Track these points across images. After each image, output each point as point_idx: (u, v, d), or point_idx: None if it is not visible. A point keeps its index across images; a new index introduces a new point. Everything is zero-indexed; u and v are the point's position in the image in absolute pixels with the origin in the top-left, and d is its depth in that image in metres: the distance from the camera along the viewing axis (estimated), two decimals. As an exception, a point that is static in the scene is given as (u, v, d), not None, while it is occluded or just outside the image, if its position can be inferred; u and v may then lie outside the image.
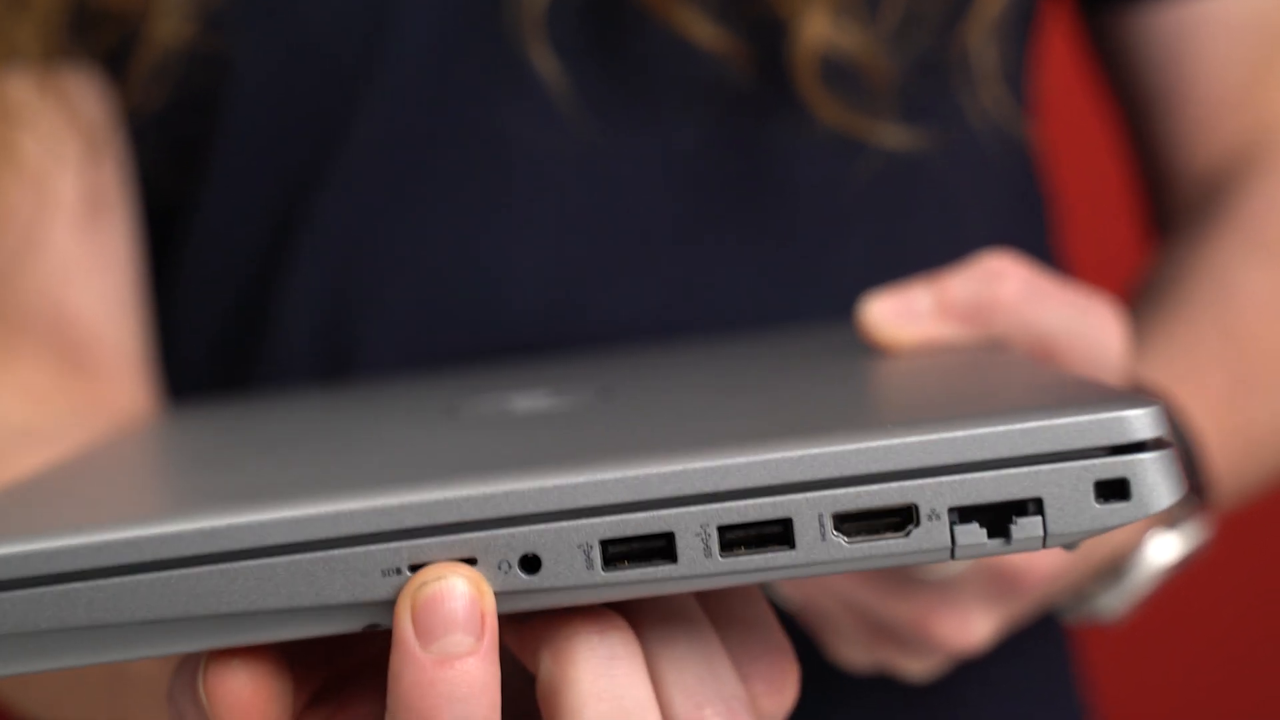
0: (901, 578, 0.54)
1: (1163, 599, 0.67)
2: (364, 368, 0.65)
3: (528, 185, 0.65)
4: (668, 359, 0.59)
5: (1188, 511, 0.63)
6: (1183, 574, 0.65)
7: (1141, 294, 0.73)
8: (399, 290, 0.65)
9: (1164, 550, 0.63)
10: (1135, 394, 0.38)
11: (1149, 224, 0.79)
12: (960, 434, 0.36)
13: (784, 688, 0.40)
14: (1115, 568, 0.62)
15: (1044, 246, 0.74)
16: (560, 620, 0.38)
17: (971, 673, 0.69)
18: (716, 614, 0.40)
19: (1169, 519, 0.63)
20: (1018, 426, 0.36)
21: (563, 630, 0.38)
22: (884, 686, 0.67)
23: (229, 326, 0.67)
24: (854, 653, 0.58)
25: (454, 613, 0.36)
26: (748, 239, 0.66)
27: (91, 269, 0.65)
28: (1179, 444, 0.62)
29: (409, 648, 0.36)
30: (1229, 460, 0.66)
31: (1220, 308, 0.70)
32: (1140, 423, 0.36)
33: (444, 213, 0.65)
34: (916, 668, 0.57)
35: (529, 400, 0.50)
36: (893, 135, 0.65)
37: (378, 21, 0.64)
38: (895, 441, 0.36)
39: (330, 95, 0.65)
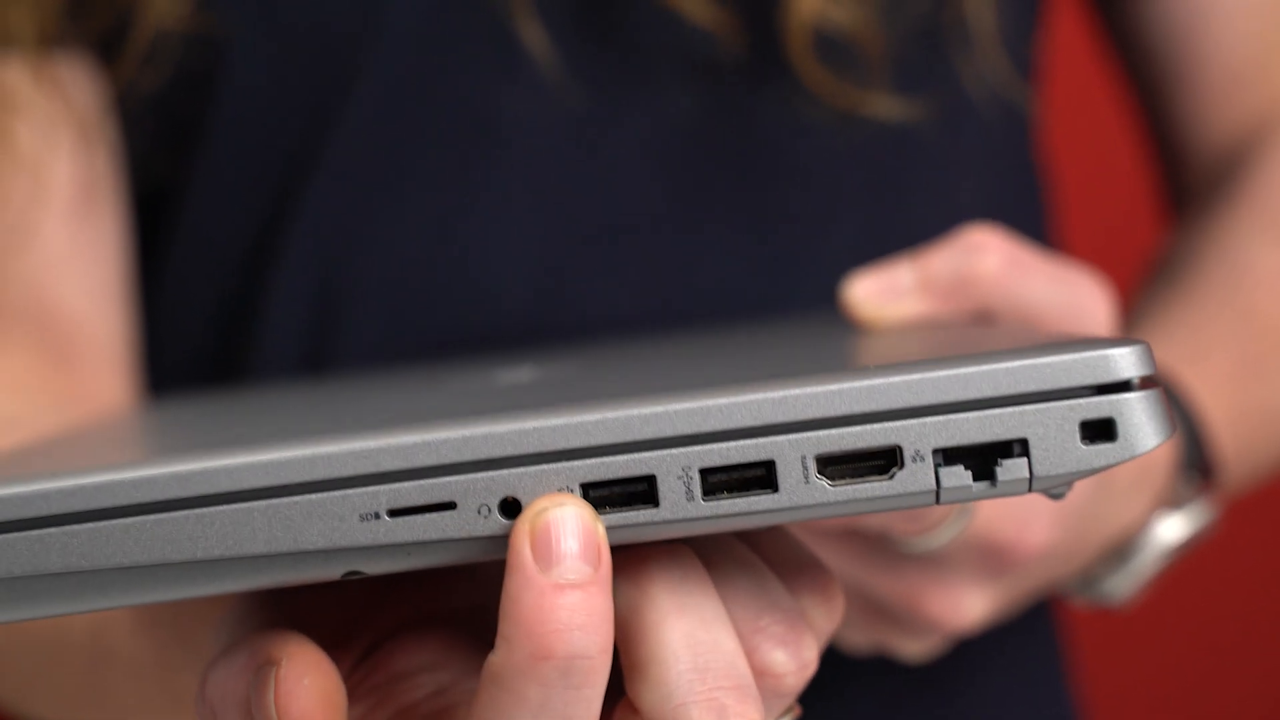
0: (891, 553, 0.53)
1: (1156, 596, 0.67)
2: (351, 355, 0.65)
3: (517, 169, 0.65)
4: (655, 342, 0.59)
5: (1194, 492, 0.62)
6: (1182, 565, 0.64)
7: (1154, 274, 0.72)
8: (387, 277, 0.65)
9: (1170, 531, 0.62)
10: (1122, 337, 0.37)
11: (1165, 203, 0.79)
12: (944, 373, 0.36)
13: (832, 597, 0.40)
14: (1121, 550, 0.61)
15: (1039, 222, 0.73)
16: (629, 551, 0.38)
17: (961, 667, 0.68)
18: (748, 541, 0.40)
19: (1176, 500, 0.62)
20: (1003, 365, 0.36)
21: (634, 557, 0.38)
22: (877, 679, 0.66)
23: (217, 313, 0.66)
24: (851, 633, 0.57)
25: (572, 540, 0.36)
26: (740, 219, 0.66)
27: (81, 261, 0.64)
28: (1184, 423, 0.62)
29: (528, 571, 0.36)
30: (1237, 441, 0.65)
31: (1230, 287, 0.69)
32: (1125, 361, 0.36)
33: (433, 199, 0.65)
34: (913, 648, 0.57)
35: (513, 374, 0.50)
36: (887, 105, 0.65)
37: (370, 1, 0.64)
38: (879, 381, 0.36)
39: (323, 77, 0.64)
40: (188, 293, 0.67)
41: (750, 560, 0.40)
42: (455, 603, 0.43)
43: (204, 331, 0.67)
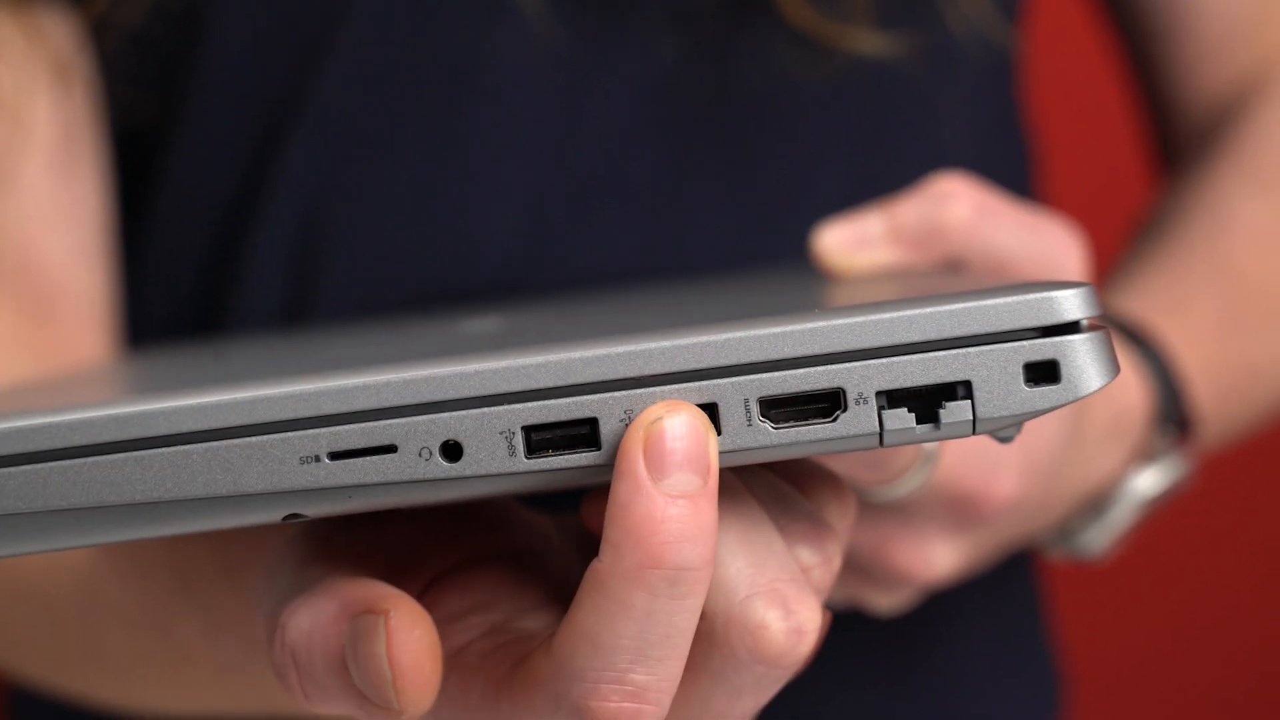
0: (859, 505, 0.53)
1: (1134, 549, 0.67)
2: (332, 306, 0.64)
3: (501, 118, 0.64)
4: (627, 294, 0.59)
5: (1170, 445, 0.62)
6: (1161, 517, 0.64)
7: (1140, 229, 0.72)
8: (368, 227, 0.64)
9: (1146, 484, 0.62)
10: (1068, 280, 0.37)
11: (1153, 159, 0.78)
12: (887, 316, 0.36)
13: (842, 495, 0.41)
14: (1096, 502, 0.61)
15: (1023, 171, 0.73)
16: None
17: (938, 619, 0.68)
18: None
19: (1152, 453, 0.62)
20: (945, 308, 0.36)
21: None
22: (851, 631, 0.66)
23: (199, 261, 0.66)
24: None
25: (687, 449, 0.36)
26: (725, 169, 0.65)
27: (62, 212, 0.63)
28: (1160, 377, 0.62)
29: (640, 480, 0.35)
30: (1215, 395, 0.65)
31: (1213, 241, 0.69)
32: (1069, 303, 0.36)
33: (416, 147, 0.64)
34: (884, 602, 0.57)
35: (478, 324, 0.49)
36: (871, 42, 0.65)
37: None
38: (821, 324, 0.36)
39: (307, 21, 0.64)
40: (169, 240, 0.66)
41: (762, 472, 0.40)
42: (502, 545, 0.42)
43: (185, 280, 0.66)
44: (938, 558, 0.54)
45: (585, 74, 0.64)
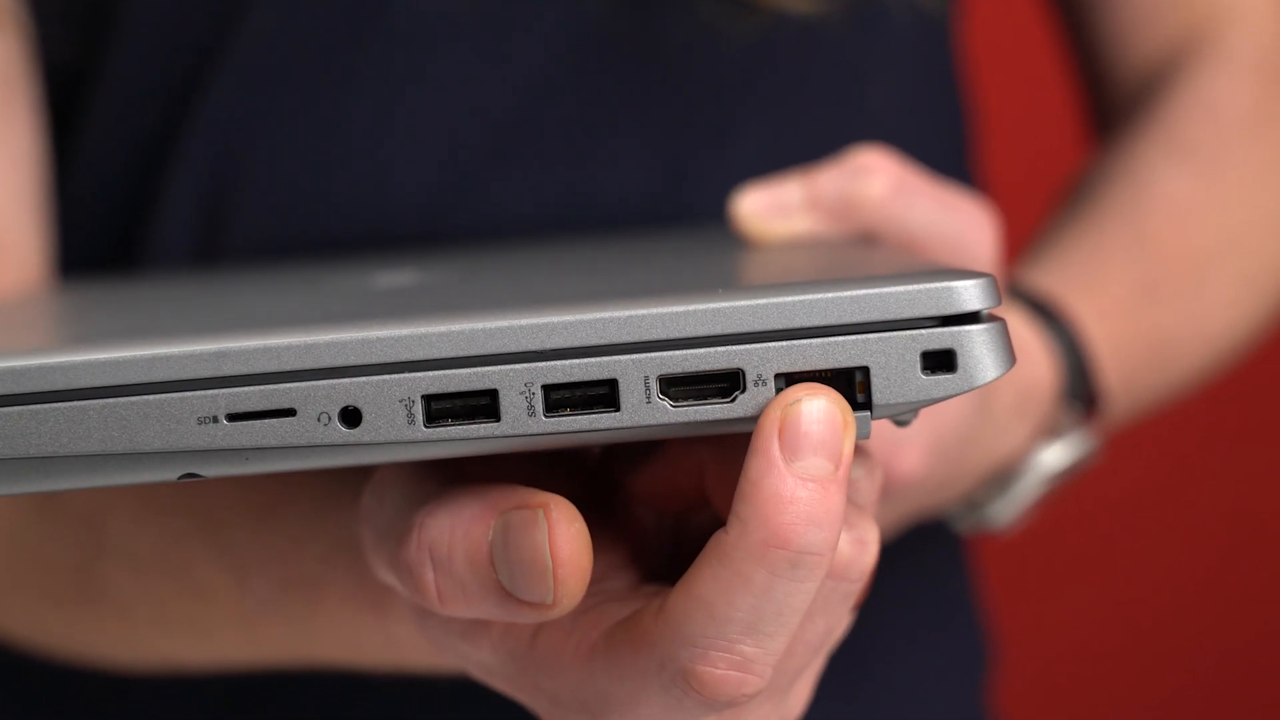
0: None
1: (1059, 513, 0.67)
2: (243, 253, 0.64)
3: (420, 69, 0.64)
4: (543, 250, 0.59)
5: (1076, 421, 0.63)
6: (1076, 485, 0.64)
7: (1065, 197, 0.72)
8: (283, 176, 0.64)
9: (1051, 459, 0.62)
10: (970, 270, 0.38)
11: (1088, 125, 0.78)
12: (788, 299, 0.36)
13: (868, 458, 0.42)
14: (1002, 476, 0.62)
15: (958, 132, 0.73)
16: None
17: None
18: None
19: (1058, 429, 0.62)
20: (846, 294, 0.36)
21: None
22: None
23: (113, 205, 0.65)
24: None
25: (822, 434, 0.36)
26: (646, 123, 0.65)
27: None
28: (1069, 353, 0.62)
29: (772, 458, 0.36)
30: (1128, 368, 0.66)
31: (1132, 210, 0.69)
32: (968, 294, 0.36)
33: (334, 96, 0.64)
34: None
35: (392, 278, 0.49)
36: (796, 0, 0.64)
37: None
38: (723, 305, 0.36)
39: None
40: (85, 179, 0.65)
41: None
42: (589, 493, 0.43)
43: (98, 220, 0.66)
44: None
45: (506, 21, 0.64)
